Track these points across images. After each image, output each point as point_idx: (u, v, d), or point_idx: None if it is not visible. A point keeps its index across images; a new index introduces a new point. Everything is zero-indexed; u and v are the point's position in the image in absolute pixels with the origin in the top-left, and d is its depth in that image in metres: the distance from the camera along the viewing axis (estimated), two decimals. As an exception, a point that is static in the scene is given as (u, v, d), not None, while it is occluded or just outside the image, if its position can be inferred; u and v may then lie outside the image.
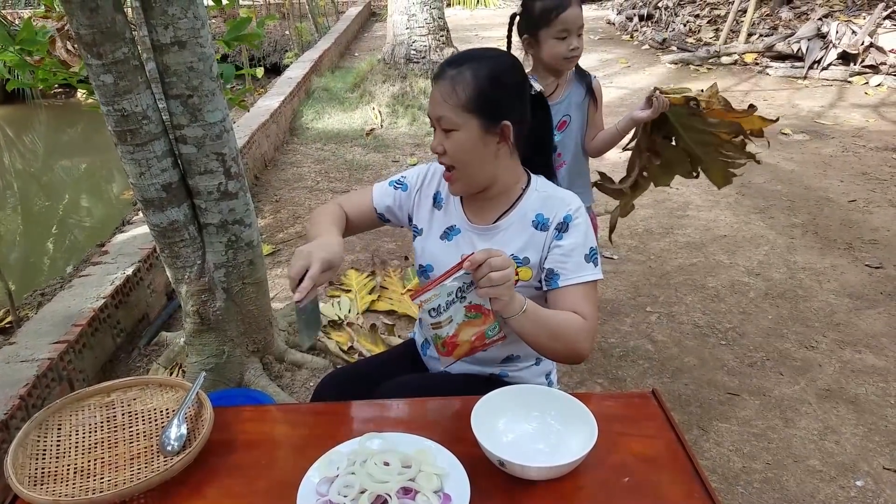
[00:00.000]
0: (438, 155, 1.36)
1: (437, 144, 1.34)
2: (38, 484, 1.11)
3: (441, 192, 1.50)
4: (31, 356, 2.18)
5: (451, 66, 1.31)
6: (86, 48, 1.79)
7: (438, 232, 1.48)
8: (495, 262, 1.15)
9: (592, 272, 1.35)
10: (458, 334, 1.22)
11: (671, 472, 1.11)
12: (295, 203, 4.35)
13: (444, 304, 1.19)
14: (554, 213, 1.37)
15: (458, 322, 1.21)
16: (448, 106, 1.29)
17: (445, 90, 1.29)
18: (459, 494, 1.02)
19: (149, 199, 2.05)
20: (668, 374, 2.61)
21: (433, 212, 1.51)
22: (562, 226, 1.36)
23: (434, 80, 1.33)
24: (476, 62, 1.30)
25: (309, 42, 9.39)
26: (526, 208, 1.40)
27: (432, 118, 1.34)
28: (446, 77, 1.30)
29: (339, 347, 2.72)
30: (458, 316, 1.20)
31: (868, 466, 2.15)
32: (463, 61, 1.31)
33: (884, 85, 6.99)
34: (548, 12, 2.07)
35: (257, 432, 1.25)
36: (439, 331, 1.21)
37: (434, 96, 1.32)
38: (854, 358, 2.69)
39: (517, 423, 1.20)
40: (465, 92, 1.28)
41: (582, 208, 1.39)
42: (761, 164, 2.48)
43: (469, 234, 1.45)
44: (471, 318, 1.21)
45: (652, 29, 10.12)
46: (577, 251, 1.35)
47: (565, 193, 1.41)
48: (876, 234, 3.77)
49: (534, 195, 1.41)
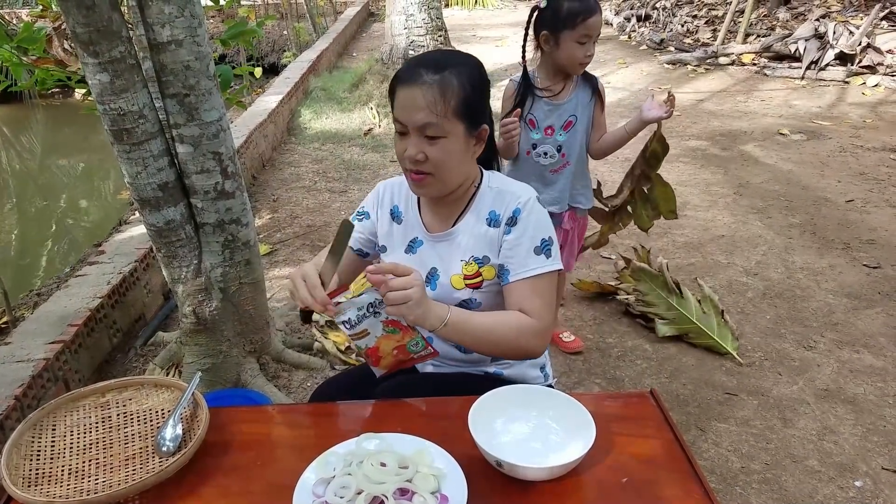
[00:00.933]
0: (416, 162, 1.29)
1: (416, 152, 1.28)
2: (33, 485, 1.10)
3: (399, 206, 1.49)
4: (27, 356, 2.17)
5: (428, 70, 1.25)
6: (82, 47, 1.78)
7: (402, 246, 1.47)
8: (393, 283, 1.14)
9: (543, 264, 1.34)
10: (378, 347, 1.24)
11: (669, 472, 1.11)
12: (293, 203, 4.34)
13: (356, 318, 1.21)
14: (505, 207, 1.36)
15: (376, 335, 1.23)
16: (434, 113, 1.25)
17: (431, 97, 1.24)
18: (457, 495, 1.01)
19: (145, 198, 2.04)
20: (667, 375, 2.61)
21: (393, 226, 1.49)
22: (511, 220, 1.35)
23: (407, 84, 1.26)
24: (456, 68, 1.27)
25: (307, 42, 9.37)
26: (480, 207, 1.40)
27: (410, 125, 1.27)
28: (428, 83, 1.24)
29: (336, 347, 2.71)
30: (377, 330, 1.22)
31: (867, 467, 2.14)
32: (442, 66, 1.26)
33: (881, 85, 6.99)
34: (574, 16, 2.06)
35: (253, 433, 1.24)
36: (359, 342, 1.23)
37: (414, 102, 1.25)
38: (852, 358, 2.69)
39: (515, 423, 1.19)
40: (453, 99, 1.25)
41: (532, 200, 1.37)
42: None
43: (430, 243, 1.44)
44: (389, 333, 1.23)
45: (649, 29, 10.12)
46: (525, 244, 1.34)
47: (518, 187, 1.40)
48: (874, 234, 3.77)
49: (487, 192, 1.40)
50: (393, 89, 1.31)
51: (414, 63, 1.29)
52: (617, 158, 5.09)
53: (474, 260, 1.39)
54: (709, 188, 4.49)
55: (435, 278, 1.42)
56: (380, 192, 1.52)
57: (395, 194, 1.50)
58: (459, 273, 1.39)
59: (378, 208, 1.51)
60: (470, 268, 1.39)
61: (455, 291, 1.39)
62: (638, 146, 2.61)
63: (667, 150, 2.45)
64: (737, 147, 5.34)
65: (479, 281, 1.39)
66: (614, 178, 4.71)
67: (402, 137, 1.31)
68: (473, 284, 1.40)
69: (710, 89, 7.22)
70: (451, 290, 1.40)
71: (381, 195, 1.52)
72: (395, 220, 1.49)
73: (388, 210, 1.50)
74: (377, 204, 1.52)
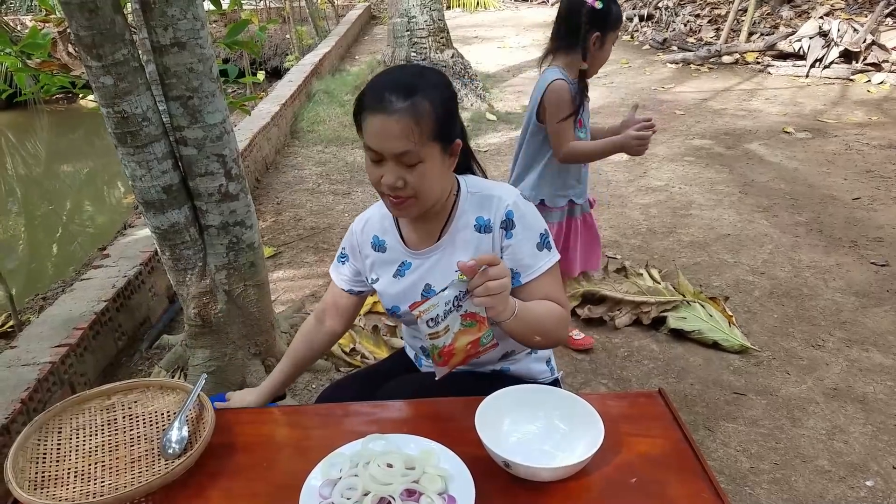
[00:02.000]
0: (396, 189, 1.25)
1: (395, 179, 1.23)
2: (39, 488, 1.09)
3: (378, 236, 1.46)
4: (33, 360, 2.17)
5: (398, 97, 1.20)
6: (85, 50, 1.78)
7: (391, 272, 1.45)
8: (493, 272, 1.13)
9: (548, 258, 1.35)
10: (454, 343, 1.21)
11: (679, 472, 1.10)
12: (296, 205, 4.34)
13: (443, 314, 1.17)
14: (493, 212, 1.34)
15: (454, 331, 1.20)
16: (411, 141, 1.20)
17: (405, 125, 1.19)
18: (464, 496, 1.00)
19: (149, 201, 2.04)
20: (674, 374, 2.59)
21: (378, 257, 1.47)
22: (507, 223, 1.34)
23: (377, 112, 1.21)
24: (424, 90, 1.22)
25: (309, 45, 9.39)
26: (464, 215, 1.37)
27: (386, 153, 1.22)
28: (399, 111, 1.19)
29: (340, 349, 2.70)
30: (455, 325, 1.19)
31: (878, 466, 2.12)
32: (411, 90, 1.21)
33: (886, 83, 6.97)
34: (619, 19, 2.15)
35: (259, 434, 1.23)
36: (436, 341, 1.19)
37: (388, 131, 1.20)
38: (861, 356, 2.67)
39: (522, 423, 1.18)
40: (428, 123, 1.21)
41: (519, 198, 1.36)
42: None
43: (418, 262, 1.41)
44: (466, 327, 1.20)
45: (652, 29, 10.11)
46: (528, 244, 1.34)
47: (499, 189, 1.38)
48: (881, 231, 3.75)
49: (468, 199, 1.38)
50: (359, 114, 1.26)
51: (380, 88, 1.23)
52: (621, 158, 5.08)
53: None
54: (714, 187, 4.47)
55: (431, 293, 1.38)
56: (354, 231, 1.51)
57: (372, 225, 1.48)
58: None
59: (357, 247, 1.50)
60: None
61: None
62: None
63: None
64: (742, 146, 5.32)
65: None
66: (618, 178, 4.71)
67: (376, 165, 1.26)
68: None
69: (714, 88, 7.20)
70: None
71: (355, 233, 1.50)
72: (378, 250, 1.47)
73: (368, 243, 1.47)
74: (354, 244, 1.50)
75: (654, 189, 4.46)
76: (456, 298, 1.17)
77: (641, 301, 2.93)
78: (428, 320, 1.17)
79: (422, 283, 1.41)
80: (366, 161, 1.30)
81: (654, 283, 3.09)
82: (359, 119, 1.27)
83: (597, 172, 4.80)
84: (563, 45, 2.19)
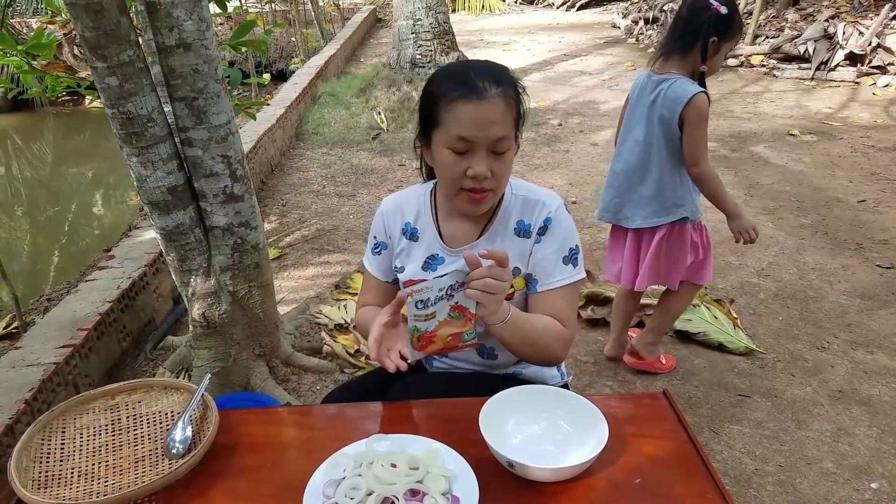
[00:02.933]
0: (483, 180, 1.24)
1: (486, 169, 1.23)
2: (42, 487, 1.09)
3: (411, 223, 1.43)
4: (37, 360, 2.18)
5: (489, 83, 1.21)
6: (91, 51, 1.79)
7: (419, 263, 1.42)
8: (496, 271, 1.13)
9: (571, 274, 1.34)
10: (436, 331, 1.22)
11: (683, 473, 1.09)
12: (301, 207, 4.34)
13: (434, 299, 1.18)
14: (535, 217, 1.34)
15: (439, 319, 1.21)
16: (506, 125, 1.22)
17: (502, 110, 1.21)
18: (468, 496, 1.00)
19: (154, 201, 2.04)
20: (679, 377, 2.58)
21: (408, 245, 1.43)
22: (542, 229, 1.33)
23: (473, 99, 1.20)
24: (507, 77, 1.25)
25: (315, 48, 9.41)
26: (507, 216, 1.36)
27: (483, 141, 1.22)
28: (495, 96, 1.20)
29: (345, 351, 2.70)
30: (442, 313, 1.20)
31: (883, 468, 2.11)
32: (499, 78, 1.23)
33: (892, 85, 6.95)
34: (740, 29, 2.12)
35: (263, 435, 1.23)
36: (419, 323, 1.20)
37: (486, 117, 1.20)
38: (866, 359, 2.66)
39: (526, 424, 1.18)
40: (514, 110, 1.24)
41: (562, 208, 1.35)
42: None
43: (453, 258, 1.39)
44: (452, 318, 1.21)
45: (657, 32, 10.10)
46: (554, 254, 1.33)
47: (544, 193, 1.37)
48: (886, 234, 3.73)
49: (512, 201, 1.36)
50: (438, 106, 1.24)
51: (466, 77, 1.22)
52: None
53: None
54: (719, 189, 4.45)
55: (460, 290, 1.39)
56: (385, 214, 1.46)
57: (405, 212, 1.44)
58: None
59: (386, 231, 1.46)
60: None
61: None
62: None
63: None
64: (747, 148, 5.31)
65: (511, 292, 1.36)
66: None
67: (460, 157, 1.24)
68: (505, 296, 1.37)
69: (720, 91, 7.19)
70: None
71: (385, 216, 1.46)
72: (409, 238, 1.43)
73: (399, 230, 1.44)
74: (383, 228, 1.46)
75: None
76: (451, 287, 1.17)
77: (646, 304, 2.92)
78: (417, 301, 1.18)
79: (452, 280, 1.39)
80: (441, 157, 1.27)
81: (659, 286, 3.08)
82: (435, 113, 1.25)
83: (602, 174, 4.79)
84: (680, 46, 2.14)
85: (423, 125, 1.32)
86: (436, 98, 1.25)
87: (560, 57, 9.27)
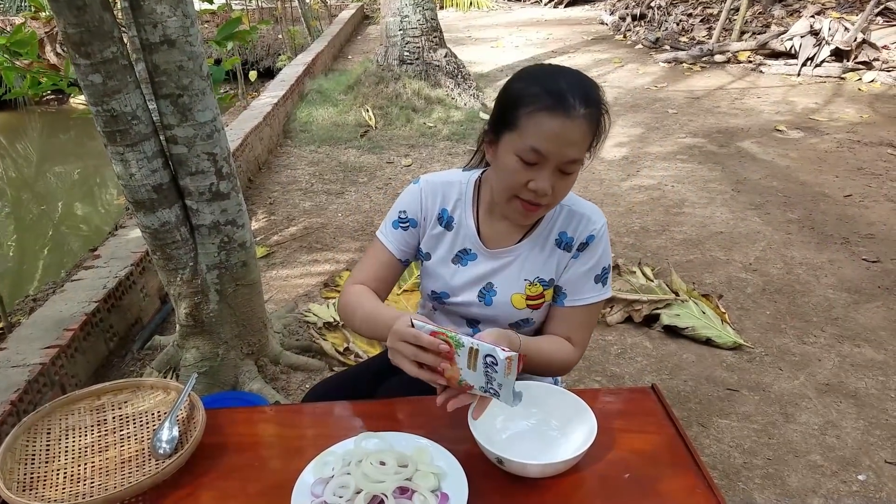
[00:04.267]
0: (541, 196, 1.18)
1: (549, 186, 1.17)
2: (27, 489, 1.08)
3: (448, 211, 1.37)
4: (23, 361, 2.16)
5: (581, 102, 1.14)
6: (73, 48, 1.77)
7: (449, 255, 1.38)
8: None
9: (599, 293, 1.35)
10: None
11: (672, 466, 1.09)
12: (289, 205, 4.32)
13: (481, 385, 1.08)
14: (578, 231, 1.32)
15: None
16: (583, 148, 1.17)
17: (585, 133, 1.16)
18: (457, 493, 0.99)
19: (139, 200, 2.02)
20: (667, 371, 2.59)
21: (443, 234, 1.38)
22: (583, 246, 1.33)
23: (559, 115, 1.13)
24: (599, 98, 1.19)
25: (302, 45, 9.36)
26: (549, 226, 1.34)
27: (556, 158, 1.16)
28: (582, 116, 1.14)
29: (334, 349, 2.69)
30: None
31: (870, 460, 2.13)
32: (591, 98, 1.16)
33: (877, 81, 7.01)
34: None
35: (250, 434, 1.22)
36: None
37: (568, 136, 1.14)
38: (853, 352, 2.68)
39: (515, 419, 1.17)
40: (597, 136, 1.20)
41: (604, 226, 1.34)
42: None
43: (486, 257, 1.36)
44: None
45: (645, 28, 10.13)
46: (589, 272, 1.33)
47: (589, 209, 1.35)
48: (872, 228, 3.77)
49: (557, 210, 1.33)
50: (519, 110, 1.16)
51: (559, 88, 1.15)
52: (614, 157, 5.09)
53: (539, 281, 1.34)
54: (706, 185, 4.48)
55: (491, 294, 1.36)
56: (425, 193, 1.39)
57: (444, 197, 1.38)
58: (522, 293, 1.34)
59: (421, 211, 1.39)
60: (534, 289, 1.34)
61: (514, 311, 1.34)
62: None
63: None
64: (734, 144, 5.33)
65: (541, 302, 1.36)
66: (611, 177, 4.71)
67: (527, 167, 1.17)
68: (535, 305, 1.35)
69: (706, 87, 7.22)
70: (511, 309, 1.34)
71: (426, 196, 1.38)
72: (444, 226, 1.38)
73: (436, 213, 1.38)
74: (420, 207, 1.39)
75: (647, 187, 4.46)
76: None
77: (633, 299, 2.93)
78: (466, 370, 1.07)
79: (484, 280, 1.36)
80: (507, 160, 1.20)
81: (647, 282, 3.10)
82: (515, 116, 1.18)
83: (590, 171, 4.80)
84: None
85: (497, 122, 1.24)
86: (519, 100, 1.17)
87: (548, 53, 9.28)
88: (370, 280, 1.39)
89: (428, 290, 1.44)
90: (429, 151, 5.33)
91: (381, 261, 1.40)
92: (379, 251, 1.40)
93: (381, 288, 1.40)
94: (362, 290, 1.36)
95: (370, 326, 1.30)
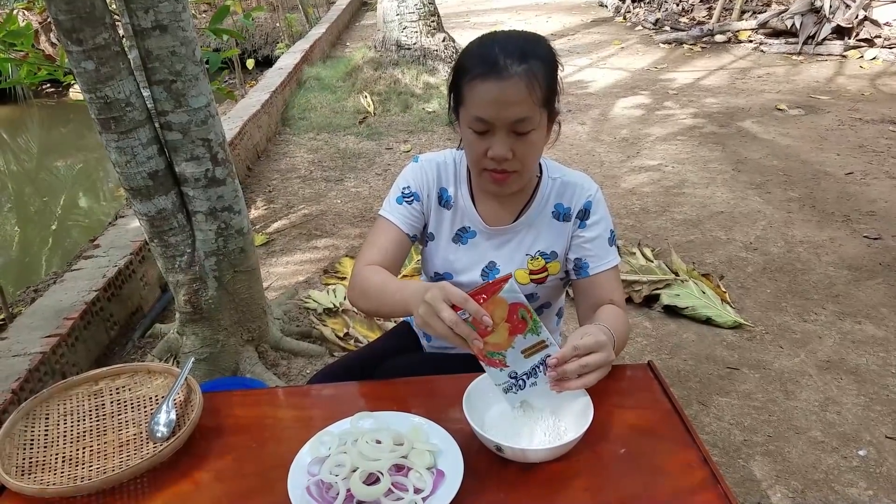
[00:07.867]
0: (503, 161, 1.18)
1: (506, 150, 1.17)
2: (26, 474, 1.09)
3: (447, 190, 1.37)
4: (23, 350, 2.17)
5: (513, 60, 1.13)
6: (65, 34, 1.76)
7: (450, 234, 1.38)
8: (590, 361, 1.05)
9: (615, 256, 1.36)
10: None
11: (668, 442, 1.09)
12: (289, 193, 4.32)
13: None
14: (574, 201, 1.34)
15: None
16: (527, 106, 1.14)
17: (522, 90, 1.13)
18: (453, 470, 1.00)
19: (135, 187, 2.02)
20: (667, 351, 2.60)
21: (441, 212, 1.38)
22: (583, 213, 1.34)
23: (492, 78, 1.13)
24: (536, 53, 1.16)
25: (299, 33, 9.30)
26: (544, 199, 1.35)
27: (501, 122, 1.15)
28: (516, 74, 1.12)
29: (334, 334, 2.70)
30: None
31: (870, 436, 2.13)
32: (524, 54, 1.14)
33: (879, 58, 6.94)
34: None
35: (248, 416, 1.23)
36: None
37: (505, 97, 1.13)
38: (854, 329, 2.67)
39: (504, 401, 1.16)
40: (541, 89, 1.16)
41: (599, 191, 1.36)
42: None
43: (486, 235, 1.37)
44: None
45: (644, 10, 10.05)
46: (602, 236, 1.34)
47: (580, 177, 1.36)
48: (874, 205, 3.75)
49: (549, 183, 1.35)
50: (460, 83, 1.18)
51: (489, 52, 1.15)
52: (614, 139, 5.07)
53: (541, 255, 1.35)
54: (707, 165, 4.46)
55: (494, 272, 1.36)
56: (426, 170, 1.38)
57: (442, 175, 1.37)
58: (525, 268, 1.36)
59: (424, 187, 1.37)
60: (536, 262, 1.35)
61: (519, 287, 1.35)
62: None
63: None
64: (734, 124, 5.30)
65: (544, 276, 1.36)
66: (611, 159, 4.69)
67: (480, 136, 1.19)
68: (539, 280, 1.37)
69: (707, 67, 7.17)
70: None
71: (426, 172, 1.37)
72: (443, 205, 1.38)
73: (435, 192, 1.38)
74: (424, 183, 1.37)
75: (647, 168, 4.45)
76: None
77: (633, 280, 2.92)
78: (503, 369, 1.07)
79: (485, 259, 1.37)
80: (465, 135, 1.23)
81: (647, 262, 3.09)
82: (459, 89, 1.20)
83: (590, 154, 4.79)
84: None
85: (454, 100, 1.25)
86: (460, 74, 1.19)
87: (548, 37, 9.18)
88: (379, 259, 1.33)
89: (430, 273, 1.44)
90: (428, 137, 5.31)
91: (388, 237, 1.35)
92: (385, 229, 1.36)
93: (392, 267, 1.34)
94: (376, 269, 1.30)
95: (396, 298, 1.18)
